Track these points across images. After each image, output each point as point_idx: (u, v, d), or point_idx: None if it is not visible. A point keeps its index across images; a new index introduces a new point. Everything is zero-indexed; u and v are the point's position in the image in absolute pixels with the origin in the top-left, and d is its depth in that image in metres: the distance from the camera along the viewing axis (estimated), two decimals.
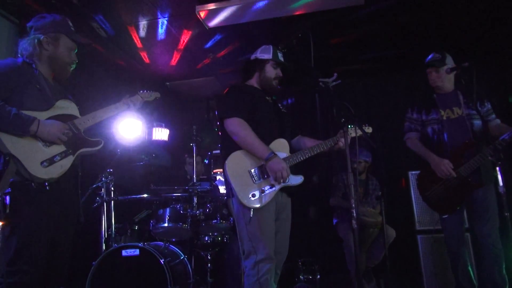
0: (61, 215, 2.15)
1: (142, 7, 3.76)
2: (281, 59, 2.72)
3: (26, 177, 2.00)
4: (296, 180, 2.49)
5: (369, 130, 2.68)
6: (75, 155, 2.19)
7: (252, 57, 2.78)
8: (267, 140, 2.48)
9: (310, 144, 2.64)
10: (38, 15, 2.32)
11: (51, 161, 2.07)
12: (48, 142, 2.09)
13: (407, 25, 4.21)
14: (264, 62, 2.70)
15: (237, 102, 2.55)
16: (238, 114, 2.49)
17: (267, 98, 2.72)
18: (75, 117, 2.26)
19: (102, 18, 3.91)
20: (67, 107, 2.26)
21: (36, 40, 2.22)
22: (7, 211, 1.97)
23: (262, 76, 2.71)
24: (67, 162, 2.14)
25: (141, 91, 2.65)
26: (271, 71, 2.70)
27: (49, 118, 2.13)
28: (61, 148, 2.13)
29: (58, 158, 2.10)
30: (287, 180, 2.41)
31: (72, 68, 2.36)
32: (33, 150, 2.04)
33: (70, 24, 2.35)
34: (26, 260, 1.97)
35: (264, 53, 2.72)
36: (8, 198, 1.98)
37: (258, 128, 2.49)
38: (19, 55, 2.25)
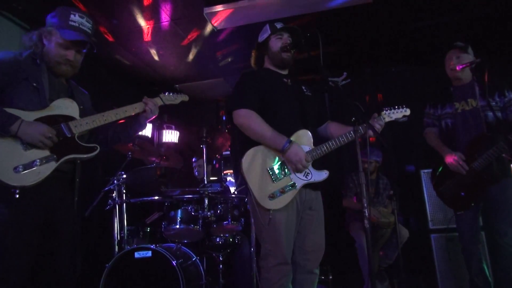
0: (47, 224, 1.94)
1: (151, 10, 3.78)
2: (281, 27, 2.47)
3: None
4: (319, 176, 2.29)
5: (406, 113, 2.45)
6: (59, 162, 1.91)
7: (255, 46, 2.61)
8: (287, 131, 2.26)
9: (337, 133, 2.38)
10: None
11: (27, 166, 1.82)
12: (29, 145, 1.85)
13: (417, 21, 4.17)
14: (266, 41, 2.49)
15: (245, 92, 2.32)
16: (245, 105, 2.27)
17: (285, 80, 2.47)
18: (72, 118, 2.01)
19: (113, 21, 3.95)
20: (66, 107, 2.01)
21: (35, 33, 2.03)
22: None
23: (270, 55, 2.48)
24: (47, 169, 1.87)
25: (165, 93, 2.38)
26: (275, 44, 2.46)
27: (39, 118, 1.90)
28: (44, 153, 1.88)
29: (38, 163, 1.85)
30: (309, 177, 2.24)
31: (66, 68, 2.07)
32: (9, 152, 1.81)
33: (73, 16, 2.03)
34: (4, 268, 1.78)
35: (263, 34, 2.52)
36: None
37: (276, 117, 2.29)
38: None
